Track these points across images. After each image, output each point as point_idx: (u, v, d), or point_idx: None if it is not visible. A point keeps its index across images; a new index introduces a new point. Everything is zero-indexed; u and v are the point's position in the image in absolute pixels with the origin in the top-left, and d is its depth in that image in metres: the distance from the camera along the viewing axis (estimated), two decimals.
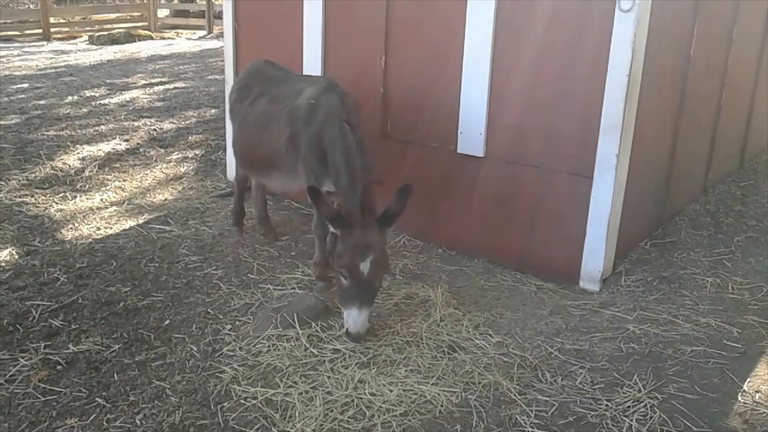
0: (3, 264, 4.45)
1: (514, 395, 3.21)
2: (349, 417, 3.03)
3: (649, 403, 3.13)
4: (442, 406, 3.12)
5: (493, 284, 4.39)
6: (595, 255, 4.23)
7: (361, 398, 3.16)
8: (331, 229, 3.72)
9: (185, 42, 16.88)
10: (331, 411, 3.07)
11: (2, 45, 15.35)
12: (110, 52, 14.47)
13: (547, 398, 3.20)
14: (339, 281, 3.57)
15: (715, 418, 3.05)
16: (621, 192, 4.18)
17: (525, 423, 3.02)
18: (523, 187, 4.48)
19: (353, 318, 3.48)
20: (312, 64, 5.33)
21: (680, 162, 5.18)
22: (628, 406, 3.12)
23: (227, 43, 6.02)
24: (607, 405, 3.14)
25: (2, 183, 5.97)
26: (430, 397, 3.18)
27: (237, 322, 3.84)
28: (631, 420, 3.03)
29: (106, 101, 9.25)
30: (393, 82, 4.94)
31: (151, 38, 17.33)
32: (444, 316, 3.87)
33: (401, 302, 4.07)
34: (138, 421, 3.00)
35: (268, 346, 3.59)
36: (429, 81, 4.77)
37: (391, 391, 3.21)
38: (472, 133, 4.55)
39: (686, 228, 5.21)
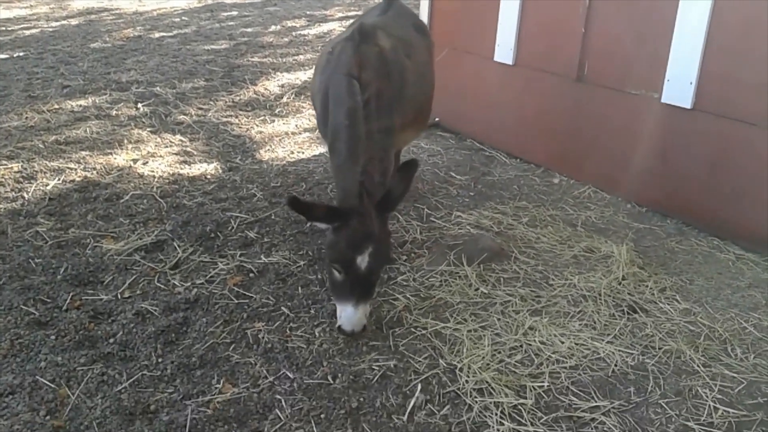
0: (209, 177, 4.89)
1: (698, 366, 2.99)
2: (516, 361, 3.00)
3: None
4: (616, 365, 2.99)
5: (686, 248, 4.07)
6: None
7: (530, 345, 3.11)
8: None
9: None
10: (499, 352, 3.06)
11: None
12: None
13: (735, 374, 2.94)
14: (332, 275, 3.11)
15: None
16: None
17: (706, 396, 2.81)
18: (733, 145, 4.04)
19: (347, 315, 3.02)
20: (510, 2, 5.14)
21: None
22: None
23: None
24: None
25: (212, 103, 6.51)
26: (603, 354, 3.05)
27: (412, 254, 3.92)
28: None
29: (305, 32, 9.67)
30: (596, 23, 4.63)
31: None
32: (627, 274, 3.66)
33: (580, 255, 3.92)
34: (317, 333, 3.19)
35: (441, 281, 3.63)
36: (637, 22, 4.39)
37: (562, 342, 3.13)
38: (681, 82, 4.16)
39: None
